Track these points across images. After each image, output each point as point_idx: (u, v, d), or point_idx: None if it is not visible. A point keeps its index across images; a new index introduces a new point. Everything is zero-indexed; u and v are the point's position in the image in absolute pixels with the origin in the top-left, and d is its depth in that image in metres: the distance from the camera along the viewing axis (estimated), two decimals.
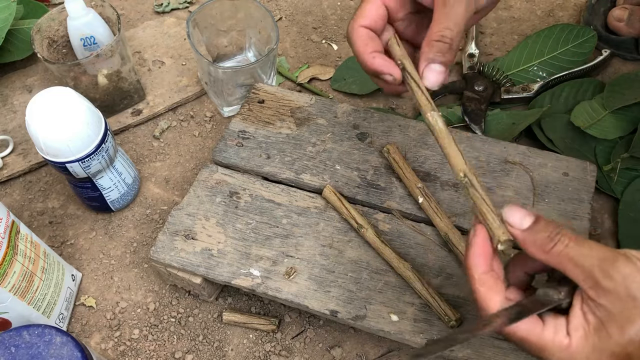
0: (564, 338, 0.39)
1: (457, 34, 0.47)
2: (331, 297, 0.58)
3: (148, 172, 0.77)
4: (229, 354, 0.64)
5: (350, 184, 0.65)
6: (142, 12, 0.94)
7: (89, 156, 0.62)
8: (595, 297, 0.38)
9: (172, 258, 0.61)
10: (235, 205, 0.65)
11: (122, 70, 0.75)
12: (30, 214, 0.74)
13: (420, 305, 0.58)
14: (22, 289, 0.57)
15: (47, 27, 0.74)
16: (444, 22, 0.47)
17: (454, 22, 0.47)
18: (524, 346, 0.41)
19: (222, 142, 0.69)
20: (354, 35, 0.50)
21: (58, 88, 0.61)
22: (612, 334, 0.37)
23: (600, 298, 0.38)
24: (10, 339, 0.51)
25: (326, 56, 0.87)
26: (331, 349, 0.64)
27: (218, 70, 0.73)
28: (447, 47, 0.47)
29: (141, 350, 0.65)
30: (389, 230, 0.63)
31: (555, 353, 0.39)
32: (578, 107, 0.75)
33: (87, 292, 0.69)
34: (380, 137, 0.69)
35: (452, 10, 0.47)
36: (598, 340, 0.38)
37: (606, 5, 0.87)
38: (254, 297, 0.67)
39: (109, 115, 0.80)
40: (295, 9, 0.93)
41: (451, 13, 0.47)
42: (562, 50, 0.81)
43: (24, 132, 0.78)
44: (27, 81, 0.84)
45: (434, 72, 0.47)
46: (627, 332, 0.37)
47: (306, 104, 0.72)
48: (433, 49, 0.47)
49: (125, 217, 0.74)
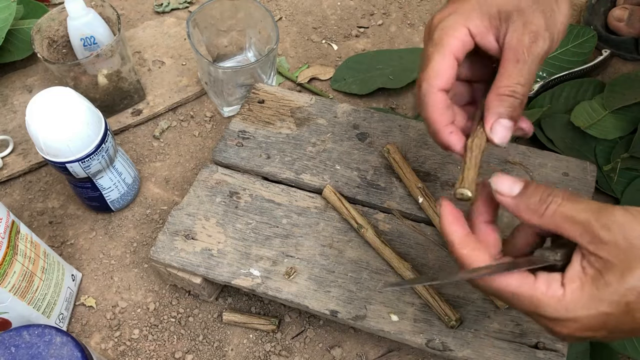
0: (558, 289, 0.38)
1: (527, 91, 0.45)
2: (331, 297, 0.58)
3: (148, 172, 0.77)
4: (229, 354, 0.64)
5: (350, 184, 0.65)
6: (142, 12, 0.94)
7: (89, 156, 0.62)
8: (595, 251, 0.37)
9: (172, 258, 0.61)
10: (235, 205, 0.65)
11: (122, 70, 0.75)
12: (30, 214, 0.74)
13: (420, 305, 0.58)
14: (22, 289, 0.57)
15: (47, 27, 0.74)
16: (516, 78, 0.44)
17: (526, 79, 0.45)
18: (515, 302, 0.40)
19: (222, 142, 0.69)
20: (430, 100, 0.46)
21: (58, 88, 0.61)
22: (611, 282, 0.37)
23: (600, 251, 0.37)
24: (10, 339, 0.51)
25: (326, 56, 0.87)
26: (331, 349, 0.64)
27: (218, 70, 0.73)
28: (519, 102, 0.45)
29: (141, 350, 0.65)
30: (389, 230, 0.63)
31: (549, 305, 0.38)
32: (578, 107, 0.75)
33: (87, 292, 0.69)
34: (380, 137, 0.69)
35: (524, 67, 0.44)
36: (596, 289, 0.37)
37: (606, 5, 0.87)
38: (254, 297, 0.67)
39: (109, 115, 0.80)
40: (295, 9, 0.93)
41: (524, 69, 0.44)
42: (562, 50, 0.81)
43: (24, 132, 0.78)
44: (27, 81, 0.84)
45: (504, 128, 0.45)
46: (626, 280, 0.36)
47: (306, 104, 0.72)
48: (504, 103, 0.45)
49: (125, 217, 0.74)
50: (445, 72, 0.46)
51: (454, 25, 0.46)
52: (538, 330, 0.56)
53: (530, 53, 0.44)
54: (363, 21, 0.91)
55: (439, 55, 0.46)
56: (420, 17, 0.91)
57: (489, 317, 0.57)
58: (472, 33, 0.46)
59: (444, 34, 0.46)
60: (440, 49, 0.46)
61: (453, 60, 0.46)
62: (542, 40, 0.44)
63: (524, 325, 0.56)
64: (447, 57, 0.46)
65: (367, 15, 0.92)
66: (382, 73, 0.82)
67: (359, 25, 0.91)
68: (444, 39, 0.46)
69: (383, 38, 0.89)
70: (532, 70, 0.45)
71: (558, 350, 0.55)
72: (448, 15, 0.47)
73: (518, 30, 0.44)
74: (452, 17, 0.46)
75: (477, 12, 0.46)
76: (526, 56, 0.44)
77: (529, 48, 0.44)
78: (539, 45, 0.44)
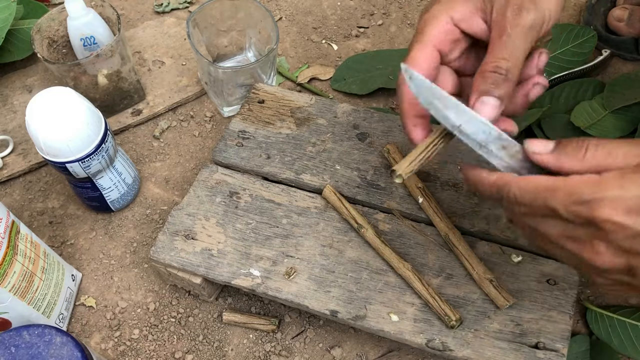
0: (595, 176, 0.37)
1: (513, 65, 0.43)
2: (331, 297, 0.58)
3: (148, 172, 0.77)
4: (229, 354, 0.64)
5: (350, 184, 0.65)
6: (142, 12, 0.94)
7: (89, 156, 0.62)
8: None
9: (172, 258, 0.61)
10: (235, 205, 0.65)
11: (122, 70, 0.75)
12: (30, 214, 0.74)
13: (420, 305, 0.58)
14: (22, 289, 0.57)
15: (47, 27, 0.74)
16: (499, 52, 0.43)
17: (511, 52, 0.43)
18: (549, 201, 0.38)
19: (222, 142, 0.69)
20: (403, 91, 0.47)
21: (58, 88, 0.61)
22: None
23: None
24: (10, 339, 0.51)
25: (326, 56, 0.87)
26: (331, 349, 0.64)
27: (218, 70, 0.73)
28: (502, 78, 0.43)
29: (141, 350, 0.65)
30: (389, 230, 0.63)
31: (586, 186, 0.37)
32: (578, 107, 0.75)
33: (87, 292, 0.69)
34: (380, 137, 0.69)
35: (509, 40, 0.43)
36: (637, 174, 0.36)
37: (606, 5, 0.87)
38: (254, 297, 0.67)
39: (109, 115, 0.80)
40: (295, 9, 0.93)
41: (508, 42, 0.43)
42: (562, 50, 0.81)
43: (24, 132, 0.78)
44: (27, 81, 0.84)
45: (487, 106, 0.43)
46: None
47: (306, 104, 0.72)
48: (487, 80, 0.43)
49: (125, 217, 0.74)
50: (423, 63, 0.46)
51: (436, 14, 0.46)
52: (538, 330, 0.56)
53: (514, 26, 0.43)
54: (363, 21, 0.91)
55: (418, 45, 0.46)
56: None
57: (489, 317, 0.57)
58: (455, 21, 0.46)
59: (425, 24, 0.46)
60: (419, 39, 0.46)
61: (432, 50, 0.46)
62: (525, 12, 0.43)
63: (524, 326, 0.56)
64: (426, 48, 0.46)
65: (367, 15, 0.92)
66: (382, 73, 0.82)
67: (359, 25, 0.91)
68: (425, 29, 0.46)
69: (383, 38, 0.89)
70: (517, 44, 0.43)
71: (558, 350, 0.55)
72: (432, 5, 0.47)
73: (502, 6, 0.44)
74: (435, 7, 0.47)
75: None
76: (509, 29, 0.43)
77: (512, 21, 0.43)
78: (522, 16, 0.43)
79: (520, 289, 0.58)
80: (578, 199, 0.37)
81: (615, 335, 0.62)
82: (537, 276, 0.59)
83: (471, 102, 0.44)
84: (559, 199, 0.38)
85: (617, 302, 0.65)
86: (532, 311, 0.57)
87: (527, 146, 0.42)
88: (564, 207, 0.38)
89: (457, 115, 0.44)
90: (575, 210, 0.37)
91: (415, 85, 0.44)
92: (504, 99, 0.44)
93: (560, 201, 0.38)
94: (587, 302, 0.65)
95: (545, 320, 0.56)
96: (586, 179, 0.37)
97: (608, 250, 0.37)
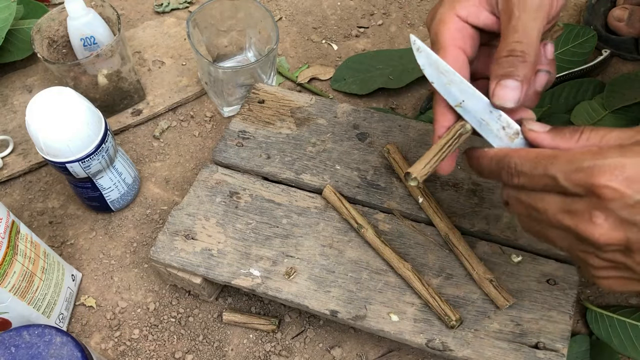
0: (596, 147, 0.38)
1: (528, 45, 0.42)
2: (331, 297, 0.58)
3: (148, 172, 0.77)
4: (229, 354, 0.64)
5: (350, 184, 0.65)
6: (142, 12, 0.94)
7: (89, 156, 0.62)
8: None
9: (172, 258, 0.61)
10: (235, 205, 0.65)
11: (122, 70, 0.75)
12: (30, 214, 0.74)
13: (420, 305, 0.58)
14: (22, 289, 0.57)
15: (47, 27, 0.74)
16: (511, 36, 0.42)
17: (523, 34, 0.42)
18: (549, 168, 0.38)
19: (222, 142, 0.69)
20: (435, 99, 0.46)
21: (58, 88, 0.61)
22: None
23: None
24: (10, 339, 0.51)
25: (326, 56, 0.87)
26: (331, 349, 0.64)
27: (218, 70, 0.73)
28: (519, 60, 0.42)
29: (141, 350, 0.65)
30: (389, 230, 0.63)
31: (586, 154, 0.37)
32: (578, 107, 0.75)
33: (87, 292, 0.69)
34: (380, 137, 0.69)
35: (519, 23, 0.42)
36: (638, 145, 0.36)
37: (606, 5, 0.87)
38: (254, 297, 0.67)
39: (109, 115, 0.80)
40: (295, 9, 0.93)
41: (518, 25, 0.42)
42: (562, 50, 0.81)
43: (24, 132, 0.78)
44: (27, 81, 0.84)
45: (508, 89, 0.42)
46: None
47: (306, 104, 0.72)
48: (503, 64, 0.42)
49: (125, 217, 0.74)
50: (453, 66, 0.45)
51: (443, 18, 0.46)
52: (538, 330, 0.56)
53: (522, 8, 0.42)
54: (363, 21, 0.91)
55: (440, 53, 0.45)
56: (420, 17, 0.91)
57: (489, 317, 0.57)
58: (462, 17, 0.45)
59: (437, 31, 0.46)
60: (438, 47, 0.46)
61: (456, 53, 0.45)
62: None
63: (524, 326, 0.56)
64: (449, 52, 0.45)
65: (367, 15, 0.92)
66: (382, 73, 0.82)
67: (359, 25, 0.91)
68: (439, 36, 0.46)
69: (383, 38, 0.89)
70: (527, 24, 0.42)
71: (558, 350, 0.55)
72: (436, 11, 0.46)
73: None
74: (439, 12, 0.46)
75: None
76: (517, 13, 0.42)
77: (519, 4, 0.42)
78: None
79: (520, 289, 0.58)
80: (578, 167, 0.37)
81: (615, 335, 0.62)
82: (537, 276, 0.59)
83: (491, 89, 0.43)
84: (558, 166, 0.38)
85: (617, 302, 0.65)
86: (532, 311, 0.57)
87: (526, 124, 0.43)
88: (563, 175, 0.37)
89: (460, 91, 0.44)
90: (575, 178, 0.37)
91: (422, 57, 0.45)
92: (524, 80, 0.42)
93: (560, 168, 0.37)
94: (587, 302, 0.65)
95: (545, 320, 0.56)
96: (587, 149, 0.37)
97: (606, 221, 0.36)
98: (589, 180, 0.36)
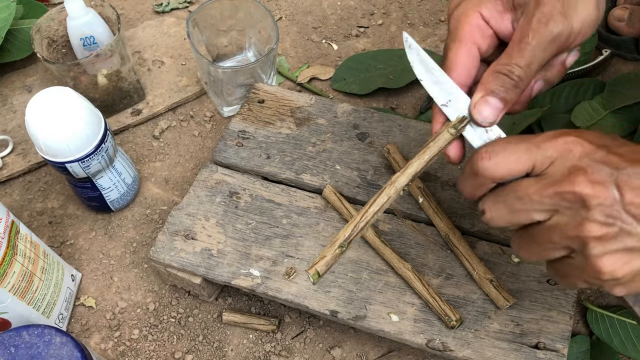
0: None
1: (526, 75, 0.42)
2: (331, 297, 0.58)
3: (148, 172, 0.77)
4: (229, 354, 0.64)
5: (350, 184, 0.65)
6: (142, 12, 0.94)
7: (89, 156, 0.62)
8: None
9: (172, 258, 0.61)
10: (235, 205, 0.65)
11: (122, 70, 0.75)
12: (30, 214, 0.74)
13: (420, 305, 0.58)
14: (22, 289, 0.57)
15: (47, 27, 0.74)
16: (515, 57, 0.42)
17: (527, 61, 0.42)
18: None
19: (222, 142, 0.69)
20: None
21: (58, 88, 0.61)
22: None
23: None
24: (10, 339, 0.51)
25: (326, 56, 0.87)
26: (331, 349, 0.64)
27: (218, 70, 0.73)
28: (512, 84, 0.42)
29: (141, 350, 0.65)
30: (389, 230, 0.63)
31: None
32: (578, 107, 0.75)
33: (86, 292, 0.68)
34: (380, 137, 0.69)
35: (528, 48, 0.42)
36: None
37: (606, 5, 0.87)
38: (254, 297, 0.67)
39: (109, 115, 0.80)
40: (295, 9, 0.93)
41: (527, 51, 0.42)
42: None
43: (23, 132, 0.78)
44: (27, 81, 0.84)
45: (490, 106, 0.42)
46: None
47: (306, 104, 0.72)
48: (497, 80, 0.42)
49: (125, 217, 0.73)
50: (461, 63, 0.45)
51: (466, 11, 0.45)
52: (538, 331, 0.56)
53: (536, 35, 0.42)
54: (363, 21, 0.91)
55: (455, 44, 0.45)
56: (421, 17, 0.91)
57: (489, 317, 0.57)
58: (485, 18, 0.45)
59: (457, 22, 0.45)
60: (454, 38, 0.45)
61: (470, 48, 0.45)
62: (553, 23, 0.41)
63: (524, 326, 0.56)
64: (464, 45, 0.45)
65: (367, 15, 0.92)
66: (382, 73, 0.82)
67: (359, 25, 0.91)
68: (458, 28, 0.45)
69: (383, 38, 0.89)
70: (535, 53, 0.42)
71: (558, 351, 0.55)
72: (460, 3, 0.46)
73: (529, 12, 0.42)
74: (464, 4, 0.45)
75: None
76: (530, 38, 0.42)
77: (535, 29, 0.42)
78: (548, 28, 0.41)
79: (520, 289, 0.58)
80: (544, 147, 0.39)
81: (616, 335, 0.62)
82: (537, 276, 0.59)
83: (475, 99, 0.43)
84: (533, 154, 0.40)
85: (617, 302, 0.65)
86: (532, 311, 0.57)
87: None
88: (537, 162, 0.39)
89: (446, 91, 0.45)
90: (546, 136, 0.39)
91: (412, 54, 0.46)
92: (507, 104, 0.43)
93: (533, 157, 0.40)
94: (588, 302, 0.64)
95: (546, 321, 0.56)
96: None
97: (586, 177, 0.37)
98: (556, 135, 0.39)
